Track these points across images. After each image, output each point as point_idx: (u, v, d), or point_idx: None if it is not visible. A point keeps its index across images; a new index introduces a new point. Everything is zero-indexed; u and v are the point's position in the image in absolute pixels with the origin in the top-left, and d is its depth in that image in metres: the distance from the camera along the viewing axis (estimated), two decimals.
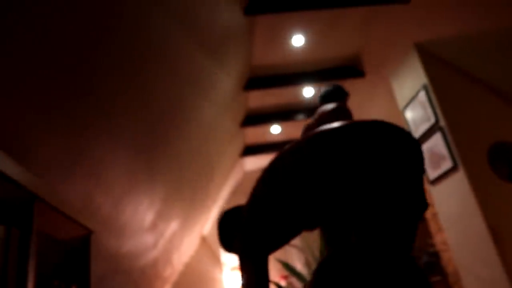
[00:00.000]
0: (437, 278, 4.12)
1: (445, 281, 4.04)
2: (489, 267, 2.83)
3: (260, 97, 4.59)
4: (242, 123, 4.87)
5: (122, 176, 2.54)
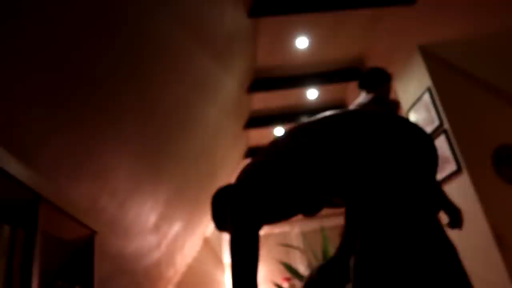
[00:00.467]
0: None
1: None
2: (493, 271, 2.81)
3: (264, 99, 4.60)
4: (246, 125, 4.88)
5: (127, 178, 2.55)
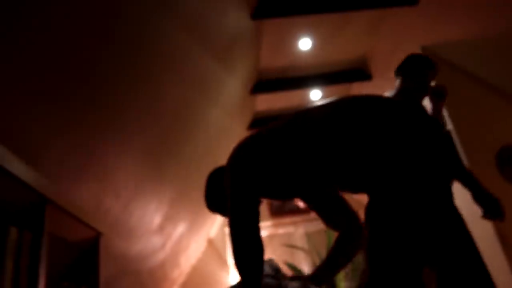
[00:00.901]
0: None
1: None
2: (498, 272, 2.80)
3: (268, 101, 4.61)
4: (250, 127, 4.89)
5: (131, 179, 2.57)
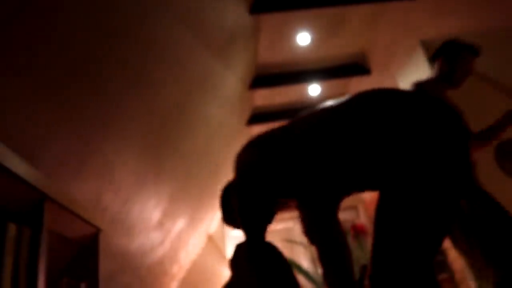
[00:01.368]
0: (444, 276, 4.11)
1: (452, 279, 4.03)
2: None
3: (266, 96, 4.60)
4: (248, 122, 4.88)
5: (130, 176, 2.57)
